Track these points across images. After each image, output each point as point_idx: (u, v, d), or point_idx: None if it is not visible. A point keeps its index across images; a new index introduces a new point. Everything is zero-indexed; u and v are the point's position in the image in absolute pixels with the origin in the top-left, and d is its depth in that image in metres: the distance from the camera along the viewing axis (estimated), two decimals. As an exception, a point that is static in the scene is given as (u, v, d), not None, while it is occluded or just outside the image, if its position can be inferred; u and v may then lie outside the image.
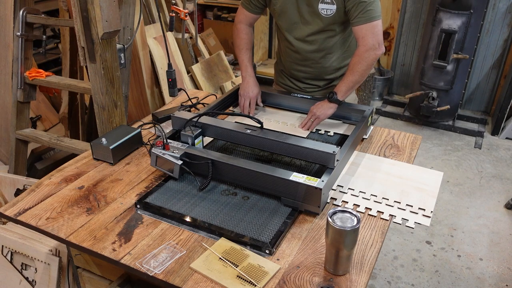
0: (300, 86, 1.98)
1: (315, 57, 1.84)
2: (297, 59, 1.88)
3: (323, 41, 1.78)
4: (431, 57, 3.63)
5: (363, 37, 1.64)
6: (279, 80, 2.08)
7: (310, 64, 1.87)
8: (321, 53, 1.82)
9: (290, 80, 2.00)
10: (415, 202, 1.36)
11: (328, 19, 1.70)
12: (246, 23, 1.93)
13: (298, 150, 1.41)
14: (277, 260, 1.14)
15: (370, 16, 1.62)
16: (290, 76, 1.99)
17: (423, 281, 2.35)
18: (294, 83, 1.99)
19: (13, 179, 2.33)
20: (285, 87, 2.04)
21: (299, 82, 1.97)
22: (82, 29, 1.84)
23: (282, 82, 2.05)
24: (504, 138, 3.76)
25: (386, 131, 1.79)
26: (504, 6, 3.67)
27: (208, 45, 4.48)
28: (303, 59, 1.86)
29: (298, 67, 1.91)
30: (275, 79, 2.14)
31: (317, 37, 1.77)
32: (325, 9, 1.67)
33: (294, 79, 1.98)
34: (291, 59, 1.90)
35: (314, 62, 1.86)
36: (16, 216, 1.31)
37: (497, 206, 2.91)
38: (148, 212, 1.31)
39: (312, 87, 1.96)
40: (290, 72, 1.96)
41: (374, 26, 1.63)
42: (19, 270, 1.94)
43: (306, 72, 1.91)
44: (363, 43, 1.65)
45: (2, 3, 2.39)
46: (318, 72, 1.89)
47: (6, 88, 2.54)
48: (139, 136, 1.67)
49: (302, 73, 1.92)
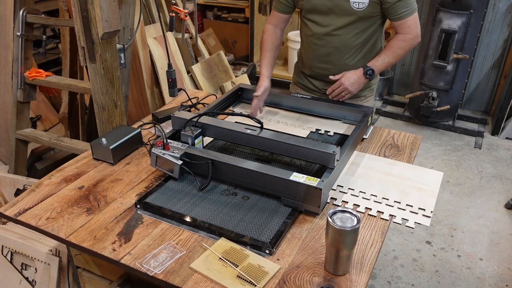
0: (318, 87, 1.95)
1: (340, 53, 1.82)
2: (320, 55, 1.85)
3: (350, 37, 1.77)
4: (431, 57, 3.63)
5: (409, 27, 1.74)
6: (297, 80, 2.06)
7: (334, 61, 1.84)
8: (347, 50, 1.81)
9: (310, 81, 1.98)
10: (415, 202, 1.36)
11: (359, 12, 1.70)
12: (274, 24, 1.92)
13: (298, 150, 1.41)
14: (277, 260, 1.14)
15: (413, 8, 1.73)
16: (310, 76, 1.97)
17: (423, 281, 2.35)
18: (313, 83, 1.97)
19: (13, 179, 2.33)
20: (304, 88, 2.03)
21: (318, 81, 1.95)
22: (82, 29, 1.84)
23: (301, 82, 2.04)
24: (504, 138, 3.76)
25: (386, 131, 1.79)
26: (504, 6, 3.67)
27: (208, 45, 4.48)
28: (327, 55, 1.84)
29: (321, 64, 1.88)
30: (293, 80, 2.12)
31: (344, 32, 1.76)
32: (357, 2, 1.68)
33: (313, 79, 1.96)
34: (314, 56, 1.88)
35: (339, 59, 1.84)
36: (16, 216, 1.31)
37: (497, 206, 2.91)
38: (148, 212, 1.31)
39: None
40: (311, 70, 1.94)
41: (417, 16, 1.76)
42: (19, 270, 1.94)
43: (327, 70, 1.87)
44: (409, 31, 1.75)
45: (2, 3, 2.39)
46: (339, 71, 1.85)
47: (6, 88, 2.54)
48: (139, 136, 1.67)
49: (323, 71, 1.89)
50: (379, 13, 1.73)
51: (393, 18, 1.73)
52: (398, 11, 1.70)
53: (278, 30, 1.93)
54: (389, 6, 1.69)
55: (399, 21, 1.73)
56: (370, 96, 1.99)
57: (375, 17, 1.74)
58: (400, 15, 1.71)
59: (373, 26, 1.77)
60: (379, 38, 1.85)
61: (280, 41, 1.96)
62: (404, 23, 1.73)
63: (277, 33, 1.93)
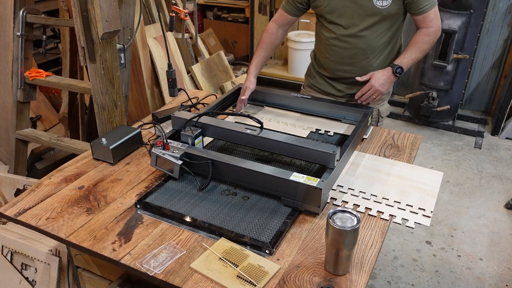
0: (343, 90, 1.91)
1: (365, 55, 1.79)
2: (344, 57, 1.81)
3: (375, 37, 1.75)
4: (431, 57, 3.63)
5: (431, 20, 1.73)
6: (314, 84, 2.00)
7: (358, 63, 1.81)
8: (371, 50, 1.78)
9: (331, 84, 1.93)
10: (415, 202, 1.36)
11: (384, 11, 1.69)
12: (278, 23, 1.90)
13: (298, 150, 1.41)
14: (277, 260, 1.14)
15: (435, 1, 1.71)
16: (332, 79, 1.92)
17: (423, 281, 2.35)
18: (335, 87, 1.92)
19: (13, 179, 2.33)
20: (321, 91, 1.98)
21: (342, 85, 1.90)
22: (82, 29, 1.84)
23: (319, 87, 1.98)
24: (504, 138, 3.76)
25: (386, 131, 1.79)
26: (504, 6, 3.67)
27: (208, 45, 4.48)
28: (352, 57, 1.80)
29: (344, 67, 1.84)
30: (307, 83, 2.06)
31: (369, 32, 1.74)
32: (381, 0, 1.67)
33: (336, 82, 1.91)
34: (337, 58, 1.84)
35: (363, 60, 1.80)
36: (16, 216, 1.31)
37: (497, 206, 2.91)
38: (148, 212, 1.31)
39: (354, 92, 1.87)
40: (333, 74, 1.89)
41: (437, 9, 1.74)
42: (19, 270, 1.94)
43: (351, 72, 1.84)
44: (432, 25, 1.74)
45: (2, 3, 2.39)
46: (363, 73, 1.82)
47: (6, 88, 2.54)
48: (139, 136, 1.67)
49: (348, 74, 1.85)
50: (402, 9, 1.71)
51: (415, 13, 1.72)
52: (421, 4, 1.69)
53: (281, 30, 1.91)
54: (411, 2, 1.68)
55: (422, 15, 1.72)
56: (387, 99, 1.97)
57: (398, 14, 1.73)
58: (422, 9, 1.70)
59: (396, 24, 1.76)
60: (400, 36, 1.84)
61: (279, 42, 1.94)
62: (427, 17, 1.72)
63: (279, 33, 1.91)
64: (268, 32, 1.90)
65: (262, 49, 1.90)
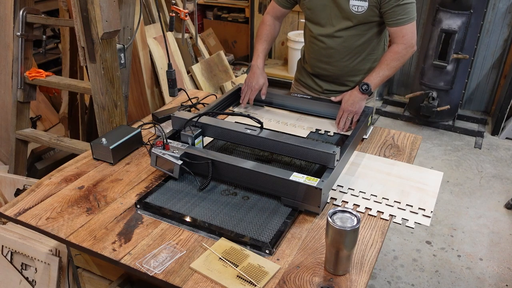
0: (322, 86, 1.95)
1: (341, 55, 1.81)
2: (322, 56, 1.85)
3: (350, 39, 1.76)
4: (431, 57, 3.63)
5: (404, 36, 1.69)
6: (300, 78, 2.06)
7: (334, 62, 1.84)
8: (347, 51, 1.80)
9: (313, 79, 1.98)
10: (415, 202, 1.36)
11: (359, 16, 1.69)
12: (273, 15, 1.92)
13: (298, 150, 1.41)
14: (277, 260, 1.14)
15: (412, 16, 1.68)
16: (313, 74, 1.97)
17: (423, 281, 2.35)
18: (316, 82, 1.97)
19: (13, 179, 2.33)
20: (305, 86, 2.02)
21: (321, 81, 1.95)
22: (82, 29, 1.84)
23: (303, 80, 2.03)
24: (504, 138, 3.76)
25: (386, 131, 1.79)
26: (504, 6, 3.67)
27: (208, 45, 4.48)
28: (328, 56, 1.83)
29: (322, 65, 1.88)
30: (295, 76, 2.11)
31: (345, 34, 1.75)
32: (356, 6, 1.67)
33: (316, 78, 1.96)
34: (316, 56, 1.87)
35: (339, 60, 1.83)
36: (16, 216, 1.31)
37: (497, 206, 2.91)
38: (148, 212, 1.31)
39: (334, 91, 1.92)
40: (313, 70, 1.94)
41: (413, 25, 1.70)
42: (19, 270, 1.94)
43: (329, 71, 1.87)
44: (403, 41, 1.70)
45: (2, 3, 2.39)
46: (341, 72, 1.86)
47: (6, 88, 2.54)
48: (139, 136, 1.67)
49: (325, 72, 1.89)
50: (378, 17, 1.70)
51: (389, 24, 1.70)
52: (395, 17, 1.66)
53: (277, 22, 1.94)
54: (386, 11, 1.66)
55: (395, 27, 1.69)
56: (372, 98, 1.98)
57: (374, 22, 1.72)
58: (396, 21, 1.67)
59: (372, 30, 1.75)
60: (381, 40, 1.84)
61: (277, 34, 1.96)
62: (399, 31, 1.69)
63: (276, 25, 1.94)
64: (266, 24, 1.92)
65: (265, 41, 1.91)
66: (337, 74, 1.88)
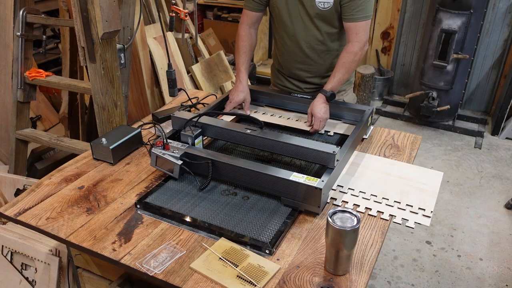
0: (301, 87, 1.96)
1: (316, 53, 1.83)
2: (297, 56, 1.86)
3: (322, 37, 1.77)
4: (431, 57, 3.63)
5: (357, 33, 1.67)
6: (276, 81, 2.06)
7: (310, 61, 1.86)
8: (321, 49, 1.81)
9: (289, 81, 1.98)
10: (415, 202, 1.36)
11: (326, 12, 1.69)
12: (248, 24, 1.89)
13: (298, 150, 1.41)
14: (277, 260, 1.14)
15: (366, 14, 1.66)
16: (289, 76, 1.97)
17: (423, 281, 2.35)
18: (294, 83, 1.98)
19: (13, 179, 2.33)
20: (283, 89, 2.02)
21: (299, 82, 1.96)
22: (82, 29, 1.84)
23: (280, 83, 2.03)
24: (504, 138, 3.76)
25: (386, 131, 1.79)
26: (504, 6, 3.67)
27: (208, 45, 4.48)
28: (304, 56, 1.85)
29: (299, 65, 1.89)
30: (272, 81, 2.12)
31: (314, 31, 1.76)
32: (322, 2, 1.67)
33: (294, 79, 1.97)
34: (290, 57, 1.89)
35: (315, 58, 1.84)
36: (16, 216, 1.31)
37: (497, 206, 2.91)
38: (148, 212, 1.31)
39: (313, 87, 1.95)
40: (289, 71, 1.95)
41: (367, 24, 1.68)
42: (19, 270, 1.94)
43: (306, 70, 1.89)
44: (357, 39, 1.68)
45: (2, 3, 2.39)
46: (318, 70, 1.88)
47: (6, 88, 2.54)
48: (139, 136, 1.67)
49: (302, 72, 1.91)
50: None
51: (344, 18, 1.69)
52: (349, 11, 1.65)
53: (253, 30, 1.91)
54: (343, 4, 1.66)
55: (349, 23, 1.68)
56: (350, 89, 1.99)
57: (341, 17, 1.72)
58: (351, 17, 1.66)
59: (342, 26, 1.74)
60: None
61: (255, 42, 1.93)
62: (353, 27, 1.67)
63: (252, 33, 1.90)
64: (243, 35, 1.88)
65: (244, 54, 1.87)
66: (314, 73, 1.89)
